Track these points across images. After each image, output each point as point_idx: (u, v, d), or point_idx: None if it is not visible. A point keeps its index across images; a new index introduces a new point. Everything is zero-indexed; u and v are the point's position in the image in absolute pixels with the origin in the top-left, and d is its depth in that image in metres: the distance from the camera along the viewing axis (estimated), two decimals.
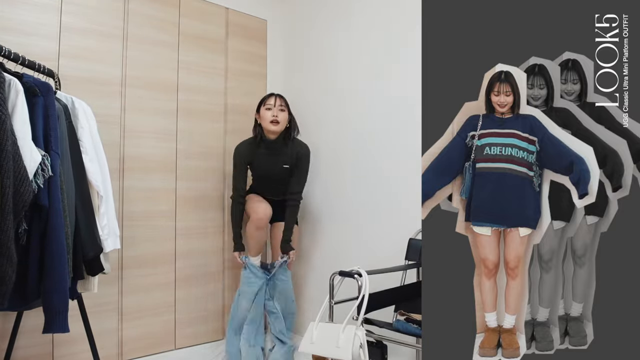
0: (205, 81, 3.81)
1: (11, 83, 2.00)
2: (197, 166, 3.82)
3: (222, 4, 4.01)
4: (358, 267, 2.41)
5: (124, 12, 3.41)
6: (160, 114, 3.60)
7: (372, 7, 3.53)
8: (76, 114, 2.54)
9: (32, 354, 2.96)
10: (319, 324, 2.26)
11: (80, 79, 3.18)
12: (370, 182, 3.51)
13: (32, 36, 2.99)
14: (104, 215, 2.61)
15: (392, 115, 3.35)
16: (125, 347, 3.38)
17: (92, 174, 2.54)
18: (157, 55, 3.59)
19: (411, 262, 2.97)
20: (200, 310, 3.83)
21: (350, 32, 3.72)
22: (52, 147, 2.14)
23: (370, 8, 3.55)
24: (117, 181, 3.32)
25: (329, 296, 2.46)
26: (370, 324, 2.54)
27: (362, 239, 3.56)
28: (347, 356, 2.09)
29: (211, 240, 3.90)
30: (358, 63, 3.66)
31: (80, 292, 2.53)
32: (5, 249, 1.80)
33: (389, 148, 3.39)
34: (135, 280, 3.44)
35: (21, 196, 1.89)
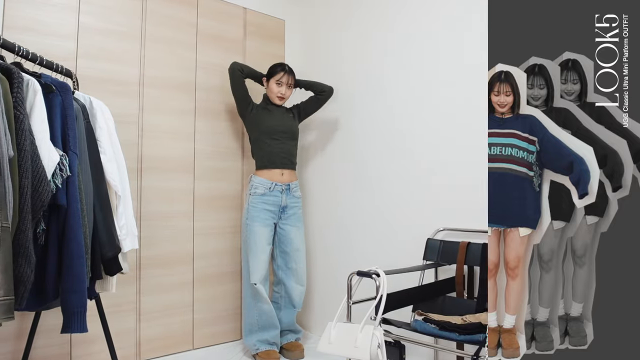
0: (223, 81, 3.80)
1: (29, 83, 2.00)
2: (215, 166, 3.82)
3: (240, 4, 4.01)
4: (376, 267, 2.40)
5: (142, 12, 3.41)
6: (178, 113, 3.61)
7: (392, 8, 3.50)
8: (94, 114, 2.54)
9: (50, 353, 2.97)
10: (337, 324, 2.27)
11: (98, 79, 3.19)
12: (388, 182, 3.48)
13: (50, 36, 3.01)
14: (122, 215, 2.61)
15: (412, 115, 3.33)
16: (143, 347, 3.38)
17: (110, 174, 2.54)
18: (175, 55, 3.59)
19: (429, 262, 2.97)
20: (218, 310, 3.82)
21: (370, 33, 3.69)
22: (70, 147, 2.14)
23: (390, 9, 3.52)
24: (135, 181, 3.33)
25: (347, 296, 2.45)
26: (388, 324, 2.53)
27: (379, 239, 3.54)
28: (365, 356, 2.09)
29: (229, 240, 3.89)
30: (373, 65, 3.63)
31: (98, 292, 2.52)
32: (23, 249, 1.80)
33: (407, 148, 3.36)
34: (154, 280, 3.44)
35: (39, 196, 1.88)
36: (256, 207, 3.49)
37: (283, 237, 3.61)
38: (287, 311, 3.65)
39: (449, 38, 3.11)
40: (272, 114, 3.63)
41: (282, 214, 3.59)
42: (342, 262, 3.84)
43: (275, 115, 3.63)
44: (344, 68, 3.92)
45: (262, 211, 3.49)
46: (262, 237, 3.47)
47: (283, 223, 3.60)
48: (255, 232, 3.46)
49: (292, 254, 3.62)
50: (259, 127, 3.60)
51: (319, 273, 4.06)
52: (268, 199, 3.51)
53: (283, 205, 3.56)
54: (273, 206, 3.52)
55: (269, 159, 3.56)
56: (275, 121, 3.61)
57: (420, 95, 3.28)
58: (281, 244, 3.62)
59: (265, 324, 3.48)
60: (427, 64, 3.24)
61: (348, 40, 3.90)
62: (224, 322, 3.86)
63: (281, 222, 3.60)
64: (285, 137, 3.62)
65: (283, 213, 3.59)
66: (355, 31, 3.82)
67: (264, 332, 3.48)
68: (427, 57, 3.25)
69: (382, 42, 3.59)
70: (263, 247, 3.48)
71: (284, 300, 3.65)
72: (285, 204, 3.57)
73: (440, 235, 3.05)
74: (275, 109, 3.67)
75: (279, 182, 3.54)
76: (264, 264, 3.48)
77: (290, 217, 3.62)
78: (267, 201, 3.50)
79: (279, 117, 3.64)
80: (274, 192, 3.52)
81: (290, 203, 3.60)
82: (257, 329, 3.48)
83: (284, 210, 3.58)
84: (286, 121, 3.66)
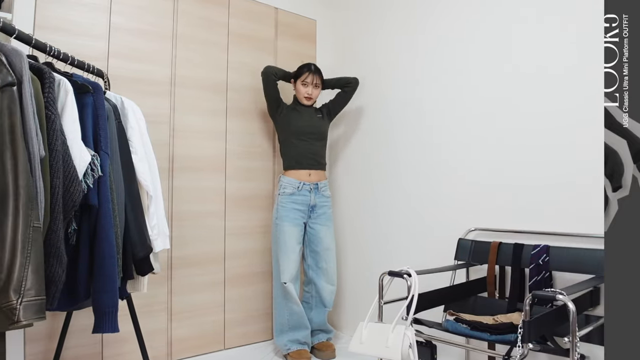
0: (254, 81, 3.79)
1: (61, 83, 2.01)
2: (246, 166, 3.81)
3: (272, 4, 4.00)
4: (407, 267, 2.42)
5: (173, 12, 3.42)
6: (209, 113, 3.61)
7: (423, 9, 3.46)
8: (125, 114, 2.54)
9: (81, 353, 2.99)
10: (368, 324, 2.28)
11: (129, 79, 3.20)
12: (419, 182, 3.44)
13: (81, 36, 3.03)
14: (154, 215, 2.61)
15: (443, 115, 3.29)
16: (175, 347, 3.39)
17: (141, 174, 2.54)
18: (206, 55, 3.59)
19: (460, 262, 2.97)
20: (250, 310, 3.81)
21: (401, 33, 3.65)
22: (101, 147, 2.14)
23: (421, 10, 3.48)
24: (167, 181, 3.33)
25: (378, 296, 2.47)
26: (420, 324, 2.53)
27: (411, 239, 3.51)
28: (396, 356, 2.10)
29: (260, 239, 3.88)
30: (407, 65, 3.59)
31: (129, 292, 2.53)
32: (55, 249, 1.80)
33: (438, 148, 3.32)
34: (185, 280, 3.44)
35: (71, 196, 1.88)
36: (285, 206, 3.48)
37: (313, 236, 3.60)
38: (318, 311, 3.63)
39: (480, 40, 3.07)
40: (301, 114, 3.63)
41: (312, 213, 3.58)
42: (373, 261, 3.83)
43: (303, 116, 3.63)
44: (375, 68, 3.88)
45: (292, 210, 3.49)
46: (291, 236, 3.47)
47: (313, 222, 3.59)
48: (285, 232, 3.46)
49: (322, 254, 3.60)
50: (288, 128, 3.60)
51: (350, 273, 4.05)
52: (297, 199, 3.50)
53: (312, 204, 3.55)
54: (302, 205, 3.52)
55: (296, 159, 3.57)
56: (303, 122, 3.60)
57: (452, 96, 3.25)
58: (311, 243, 3.61)
59: (295, 323, 3.47)
60: (459, 64, 3.21)
61: (379, 41, 3.87)
62: (255, 322, 3.85)
63: (311, 222, 3.59)
64: (312, 138, 3.61)
65: (312, 212, 3.58)
66: (387, 32, 3.79)
67: (295, 332, 3.48)
68: (459, 58, 3.21)
69: (413, 43, 3.55)
70: (293, 247, 3.47)
71: (314, 300, 3.63)
72: (314, 203, 3.56)
73: (472, 235, 3.05)
74: (304, 109, 3.67)
75: (306, 182, 3.53)
76: (294, 263, 3.47)
77: (320, 217, 3.61)
78: (296, 200, 3.50)
79: (307, 118, 3.63)
80: (302, 192, 3.52)
81: (320, 202, 3.60)
82: (288, 328, 3.48)
83: (313, 210, 3.57)
84: (314, 122, 3.65)
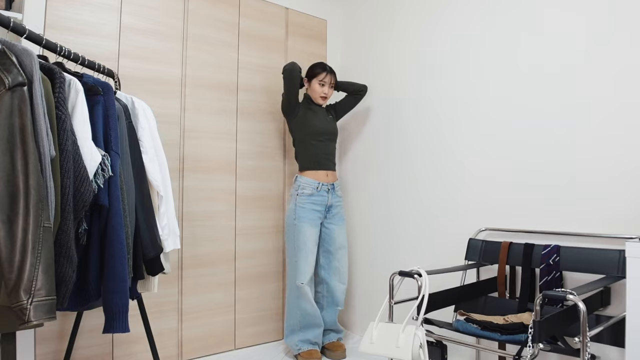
0: (265, 81, 3.79)
1: (71, 83, 2.01)
2: (257, 166, 3.81)
3: (282, 4, 4.00)
4: (418, 267, 2.41)
5: (183, 12, 3.42)
6: (220, 113, 3.60)
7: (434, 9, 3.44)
8: (136, 114, 2.54)
9: (92, 353, 3.00)
10: (378, 323, 2.29)
11: (140, 79, 3.21)
12: (430, 182, 3.43)
13: (92, 36, 3.03)
14: (164, 215, 2.61)
15: (455, 114, 3.27)
16: (185, 347, 3.39)
17: (152, 174, 2.54)
18: (217, 55, 3.59)
19: (471, 262, 2.95)
20: (260, 310, 3.81)
21: (412, 33, 3.63)
22: (112, 147, 2.14)
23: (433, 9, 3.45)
24: (177, 181, 3.33)
25: (388, 296, 2.47)
26: (430, 324, 2.53)
27: (421, 239, 3.49)
28: (407, 356, 2.11)
29: (271, 240, 3.88)
30: (419, 64, 3.57)
31: (140, 292, 2.53)
32: (65, 249, 1.80)
33: (448, 148, 3.30)
34: (195, 280, 3.44)
35: (81, 196, 1.88)
36: (304, 207, 3.47)
37: (327, 236, 3.60)
38: (330, 310, 3.63)
39: (495, 38, 3.04)
40: (317, 115, 3.63)
41: (328, 213, 3.58)
42: (384, 261, 3.82)
43: (319, 117, 3.62)
44: (386, 68, 3.86)
45: (310, 211, 3.48)
46: (310, 237, 3.47)
47: (328, 222, 3.59)
48: (304, 233, 3.45)
49: (335, 253, 3.60)
50: (305, 128, 3.59)
51: (361, 272, 4.04)
52: (316, 199, 3.50)
53: (329, 204, 3.55)
54: (320, 206, 3.51)
55: (315, 160, 3.56)
56: (319, 123, 3.60)
57: (464, 96, 3.23)
58: (325, 243, 3.61)
59: (307, 323, 3.46)
60: (472, 64, 3.18)
61: (389, 41, 3.85)
62: (266, 322, 3.85)
63: (326, 222, 3.59)
64: (327, 139, 3.62)
65: (328, 212, 3.58)
66: (397, 32, 3.77)
67: (306, 332, 3.47)
68: (472, 58, 3.19)
69: (425, 43, 3.53)
70: (312, 248, 3.47)
71: (326, 300, 3.63)
72: (330, 203, 3.56)
73: (482, 235, 3.03)
74: (319, 109, 3.67)
75: (324, 182, 3.52)
76: (312, 264, 3.48)
77: (335, 216, 3.61)
78: (315, 201, 3.49)
79: (322, 119, 3.63)
80: (321, 192, 3.52)
81: (335, 202, 3.60)
82: (299, 329, 3.47)
83: (329, 210, 3.57)
84: (328, 122, 3.66)
